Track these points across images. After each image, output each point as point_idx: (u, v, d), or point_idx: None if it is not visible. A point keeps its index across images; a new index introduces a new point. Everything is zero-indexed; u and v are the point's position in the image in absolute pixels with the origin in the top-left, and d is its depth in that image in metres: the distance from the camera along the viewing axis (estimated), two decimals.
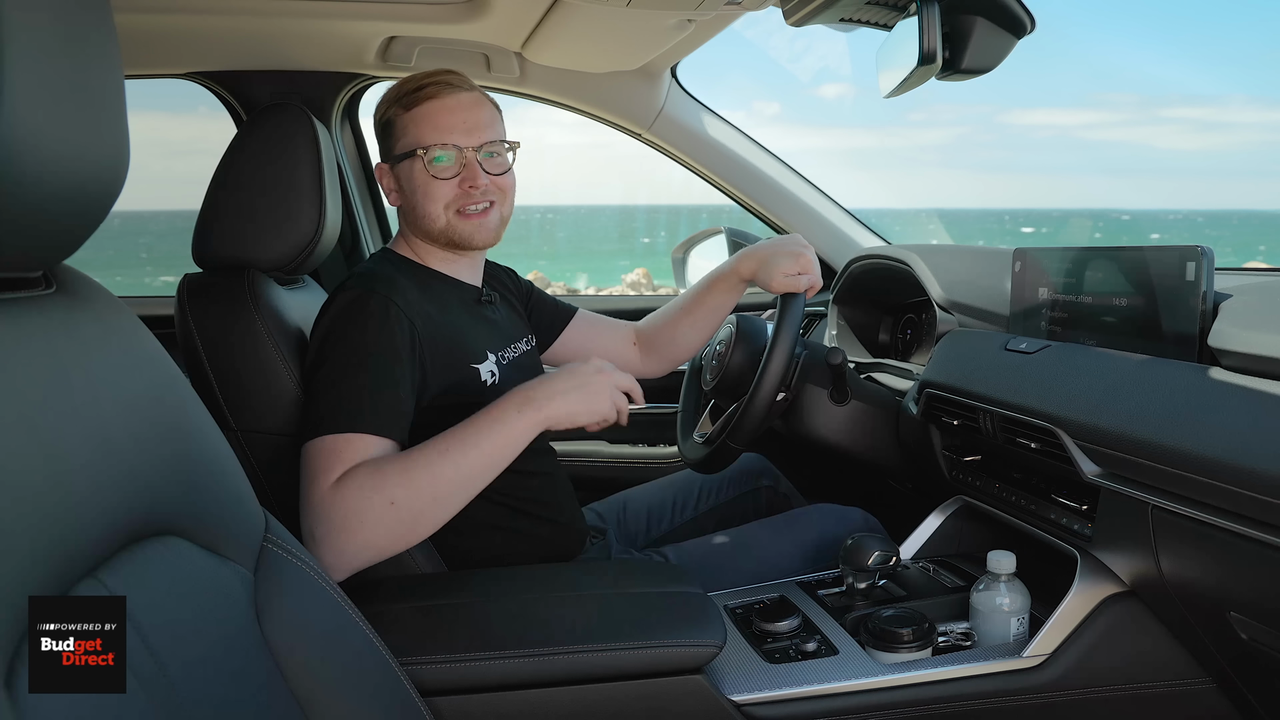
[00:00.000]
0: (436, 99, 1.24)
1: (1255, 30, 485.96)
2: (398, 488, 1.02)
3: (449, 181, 1.24)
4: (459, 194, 1.25)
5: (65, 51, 0.55)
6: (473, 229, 1.27)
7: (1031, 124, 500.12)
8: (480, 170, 1.25)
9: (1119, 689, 1.12)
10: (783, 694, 1.07)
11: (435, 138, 1.23)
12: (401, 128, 1.25)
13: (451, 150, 1.24)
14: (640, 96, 1.99)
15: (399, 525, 1.03)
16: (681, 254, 2.24)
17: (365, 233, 2.14)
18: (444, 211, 1.25)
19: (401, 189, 1.28)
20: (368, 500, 1.01)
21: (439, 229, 1.26)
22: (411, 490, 1.03)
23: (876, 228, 2.15)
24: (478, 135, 1.25)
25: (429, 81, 1.25)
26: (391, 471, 1.03)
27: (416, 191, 1.25)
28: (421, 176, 1.24)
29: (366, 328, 1.13)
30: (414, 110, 1.24)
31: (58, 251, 0.62)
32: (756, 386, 1.36)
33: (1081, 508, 1.14)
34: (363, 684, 0.80)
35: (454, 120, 1.24)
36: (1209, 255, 1.05)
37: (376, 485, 1.02)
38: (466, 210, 1.25)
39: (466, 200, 1.25)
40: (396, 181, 1.29)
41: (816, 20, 1.27)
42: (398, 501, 1.02)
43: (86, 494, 0.57)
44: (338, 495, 1.02)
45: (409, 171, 1.25)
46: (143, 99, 19.64)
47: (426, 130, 1.24)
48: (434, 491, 1.04)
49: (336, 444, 1.06)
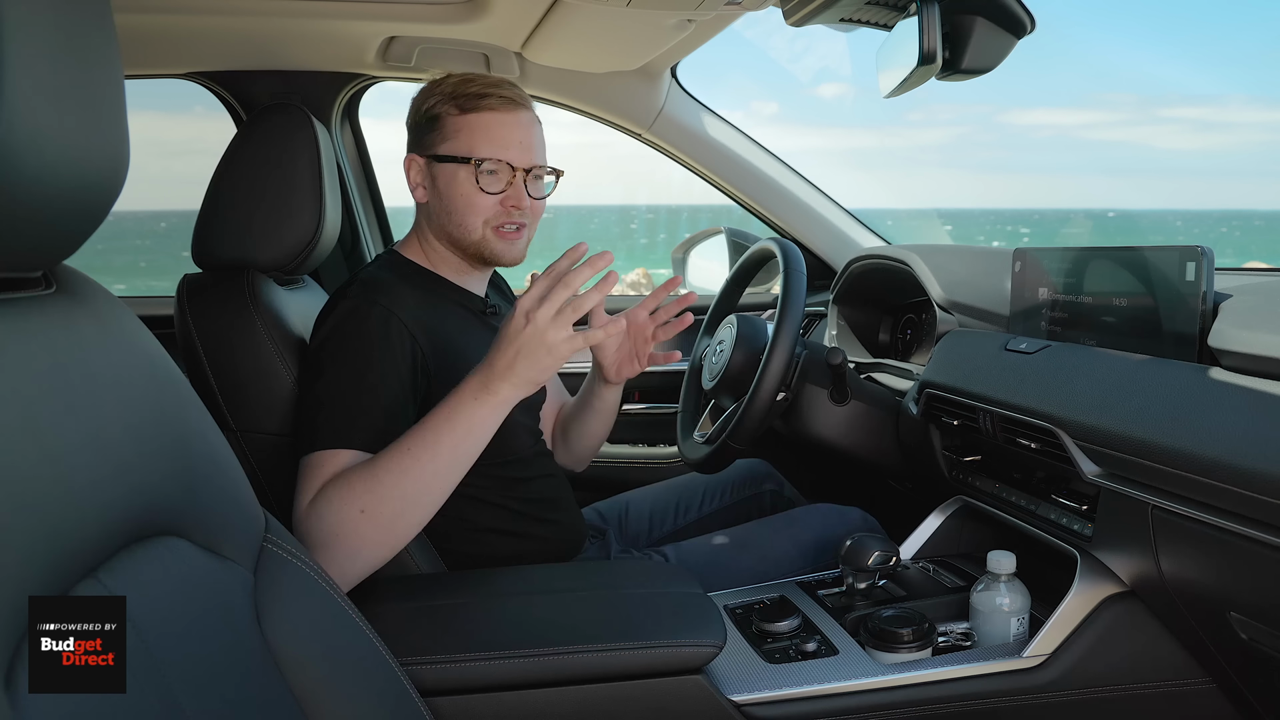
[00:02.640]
0: (499, 111, 1.22)
1: (1255, 30, 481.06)
2: (365, 494, 1.01)
3: (493, 197, 1.22)
4: (499, 211, 1.23)
5: (65, 51, 0.55)
6: (505, 247, 1.26)
7: (1031, 124, 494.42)
8: (525, 192, 1.24)
9: (1119, 689, 1.12)
10: (783, 694, 1.07)
11: (491, 150, 1.21)
12: (453, 128, 1.23)
13: (505, 167, 1.22)
14: (640, 96, 1.99)
15: (377, 531, 1.01)
16: (681, 254, 2.24)
17: (365, 233, 2.14)
18: (482, 226, 1.24)
19: (437, 189, 1.25)
20: (339, 513, 1.01)
21: (472, 240, 1.25)
22: (380, 495, 1.01)
23: (876, 228, 2.15)
24: (530, 157, 1.24)
25: (492, 91, 1.23)
26: (357, 480, 1.02)
27: (457, 199, 1.23)
28: (467, 185, 1.22)
29: (367, 342, 1.12)
30: (471, 115, 1.22)
31: (58, 251, 0.62)
32: (756, 386, 1.36)
33: (1081, 508, 1.14)
34: (363, 684, 0.80)
35: (512, 137, 1.23)
36: (1209, 255, 1.05)
37: (344, 496, 1.01)
38: (503, 229, 1.24)
39: (506, 219, 1.24)
40: (431, 179, 1.25)
41: (816, 20, 1.27)
42: (368, 509, 1.01)
43: (86, 494, 0.57)
44: (314, 512, 1.02)
45: (452, 175, 1.23)
46: (139, 99, 19.71)
47: (482, 140, 1.21)
48: (403, 492, 1.02)
49: (329, 460, 1.06)
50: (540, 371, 1.01)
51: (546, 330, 0.99)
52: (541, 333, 0.99)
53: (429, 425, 1.03)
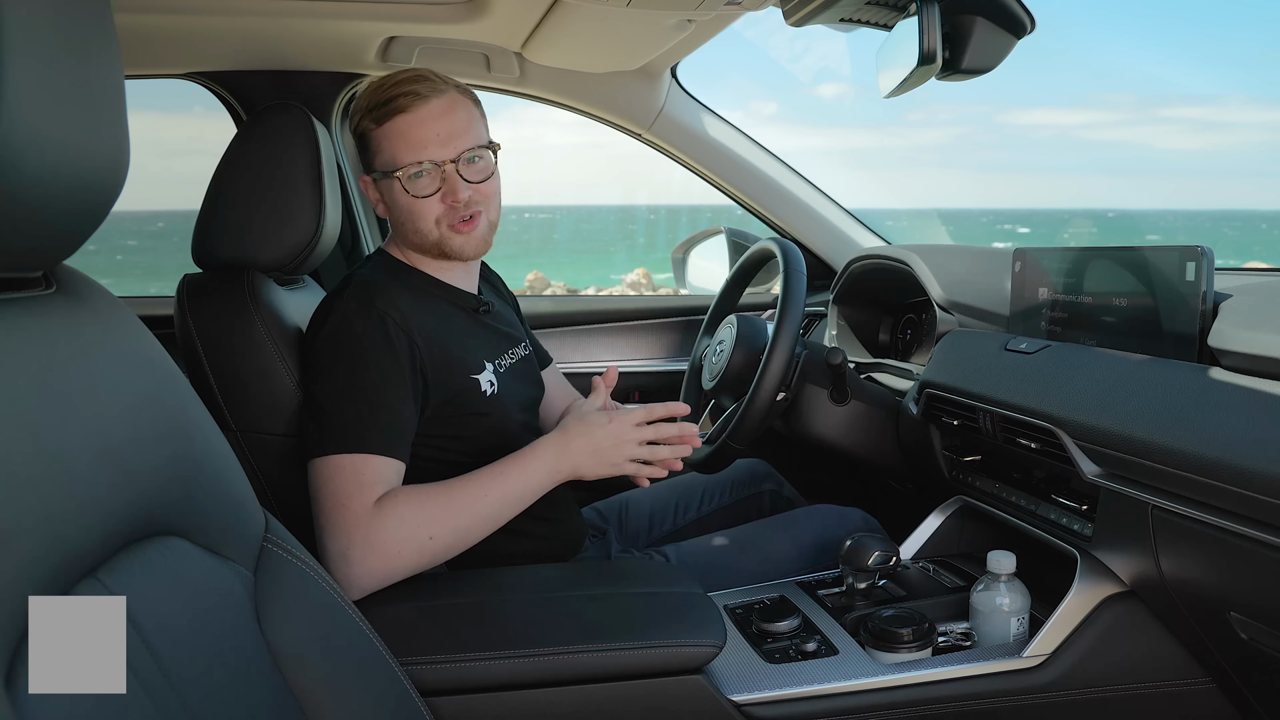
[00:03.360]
0: (406, 112, 1.18)
1: (1255, 30, 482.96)
2: (438, 523, 1.08)
3: (431, 199, 1.20)
4: (445, 209, 1.21)
5: (65, 51, 0.55)
6: (463, 242, 1.23)
7: (1030, 124, 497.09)
8: (461, 183, 1.20)
9: (1119, 689, 1.12)
10: (783, 694, 1.07)
11: (410, 156, 1.18)
12: (376, 144, 1.21)
13: (429, 166, 1.19)
14: (640, 96, 1.99)
15: (431, 556, 1.09)
16: (681, 254, 2.24)
17: (365, 233, 2.13)
18: (435, 226, 1.22)
19: (386, 205, 1.25)
20: (410, 532, 1.06)
21: (431, 243, 1.24)
22: (448, 526, 1.08)
23: (876, 228, 2.16)
24: (454, 145, 1.19)
25: (397, 92, 1.19)
26: (434, 507, 1.08)
27: (401, 210, 1.22)
28: (403, 197, 1.20)
29: (367, 344, 1.12)
30: (385, 125, 1.19)
31: (58, 251, 0.62)
32: (756, 386, 1.36)
33: (1081, 508, 1.14)
34: (363, 684, 0.80)
35: (426, 134, 1.18)
36: (1209, 255, 1.05)
37: (420, 519, 1.07)
38: (455, 224, 1.22)
39: (454, 215, 1.21)
40: (380, 195, 1.25)
41: (816, 20, 1.27)
42: (436, 536, 1.08)
43: (86, 494, 0.57)
44: (378, 521, 1.05)
45: (390, 190, 1.22)
46: (139, 99, 19.68)
47: (400, 148, 1.19)
48: (467, 527, 1.10)
49: (355, 465, 1.07)
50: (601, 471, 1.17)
51: (628, 443, 1.16)
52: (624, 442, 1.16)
53: (506, 473, 1.13)
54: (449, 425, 1.20)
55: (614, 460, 1.16)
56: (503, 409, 1.25)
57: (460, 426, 1.21)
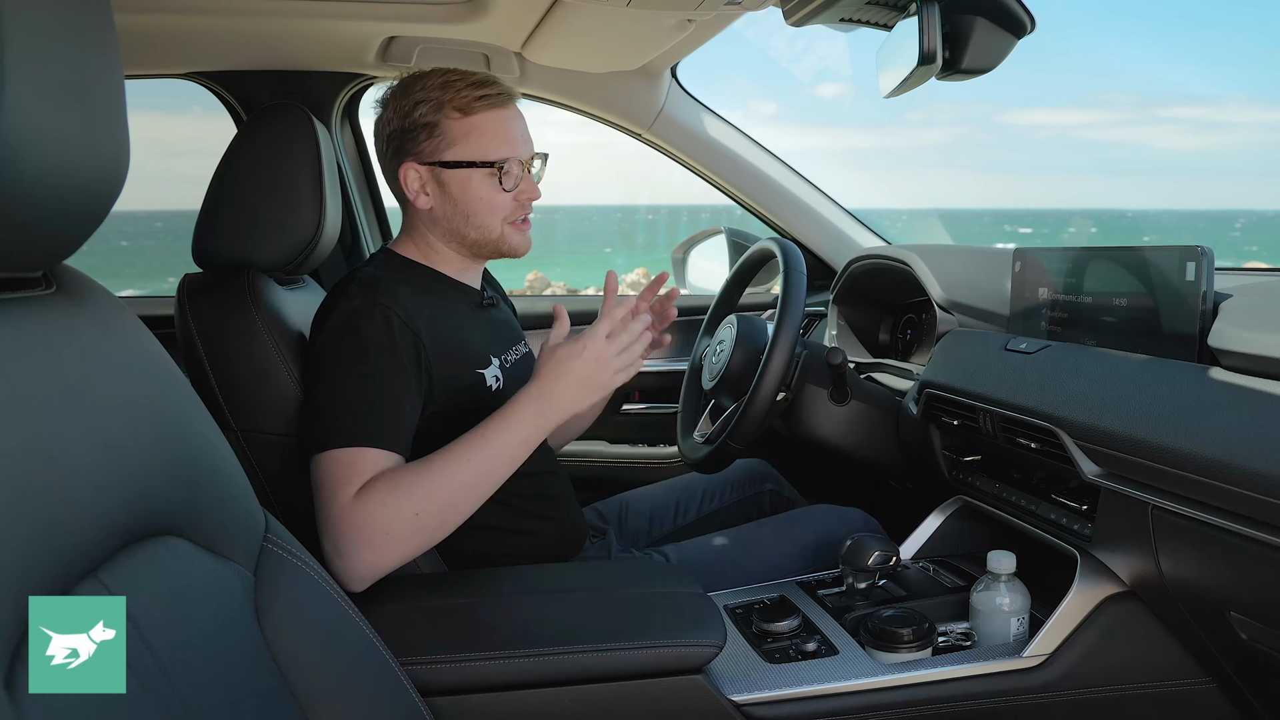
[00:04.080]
0: (500, 109, 1.22)
1: (1255, 30, 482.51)
2: (421, 499, 1.05)
3: (509, 194, 1.23)
4: (515, 207, 1.25)
5: (65, 51, 0.55)
6: (522, 239, 1.28)
7: (1030, 124, 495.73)
8: (535, 182, 1.27)
9: (1119, 689, 1.12)
10: (783, 694, 1.07)
11: (506, 150, 1.22)
12: (458, 132, 1.21)
13: (518, 164, 1.23)
14: (640, 96, 1.99)
15: (422, 534, 1.06)
16: (681, 254, 2.24)
17: (365, 233, 2.14)
18: (501, 224, 1.25)
19: (448, 195, 1.23)
20: (392, 513, 1.04)
21: (491, 239, 1.25)
22: (433, 499, 1.05)
23: (876, 228, 2.16)
24: (531, 147, 1.26)
25: (487, 90, 1.21)
26: (412, 483, 1.05)
27: (475, 202, 1.22)
28: (486, 188, 1.22)
29: (370, 340, 1.12)
30: (475, 117, 1.20)
31: (58, 252, 0.62)
32: (756, 386, 1.36)
33: (1081, 508, 1.14)
34: (363, 684, 0.80)
35: (516, 132, 1.23)
36: (1209, 255, 1.05)
37: (400, 497, 1.04)
38: (519, 222, 1.26)
39: (521, 212, 1.26)
40: (439, 186, 1.23)
41: (816, 20, 1.27)
42: (422, 512, 1.05)
43: (86, 494, 0.57)
44: (360, 510, 1.03)
45: (465, 180, 1.22)
46: (138, 99, 19.49)
47: (495, 142, 1.21)
48: (453, 498, 1.07)
49: (349, 458, 1.07)
50: (594, 398, 1.11)
51: (606, 361, 1.10)
52: (601, 363, 1.10)
53: (486, 436, 1.09)
54: (455, 421, 1.19)
55: (602, 382, 1.10)
56: None
57: (466, 422, 1.20)
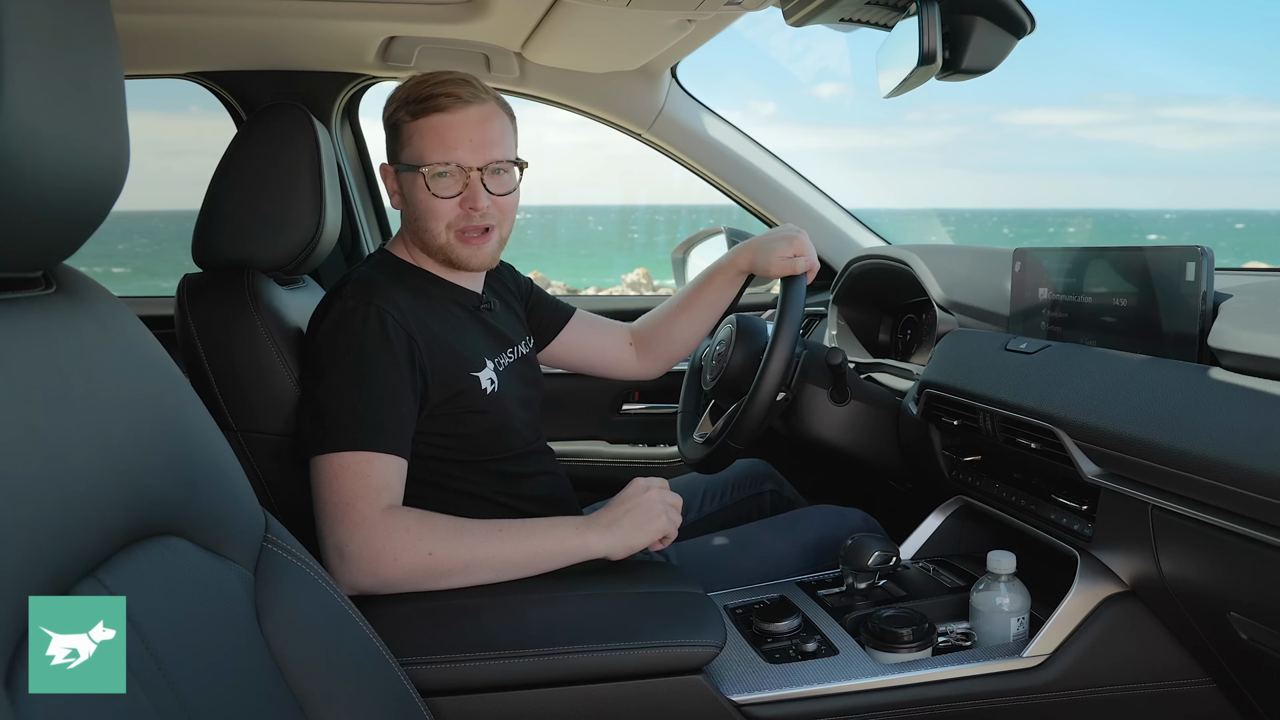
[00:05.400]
0: (445, 112, 1.19)
1: (1255, 30, 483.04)
2: (441, 544, 1.06)
3: (450, 201, 1.21)
4: (460, 214, 1.21)
5: (65, 51, 0.55)
6: (470, 253, 1.24)
7: (1030, 124, 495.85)
8: (483, 191, 1.20)
9: (1119, 689, 1.12)
10: (783, 694, 1.07)
11: (439, 155, 1.19)
12: (407, 135, 1.21)
13: (454, 169, 1.19)
14: (640, 96, 1.99)
15: (425, 575, 1.06)
16: (681, 254, 2.24)
17: (365, 233, 2.14)
18: (445, 230, 1.22)
19: (403, 197, 1.25)
20: (410, 544, 1.05)
21: (438, 246, 1.24)
22: (452, 554, 1.06)
23: (876, 228, 2.15)
24: (484, 154, 1.20)
25: (440, 91, 1.19)
26: (442, 528, 1.07)
27: (417, 206, 1.22)
28: (423, 194, 1.21)
29: (367, 342, 1.12)
30: (420, 120, 1.20)
31: (58, 251, 0.62)
32: (756, 386, 1.36)
33: (1081, 508, 1.14)
34: (363, 684, 0.80)
35: (460, 137, 1.19)
36: (1209, 255, 1.05)
37: (423, 534, 1.06)
38: (466, 234, 1.22)
39: (467, 222, 1.22)
40: (399, 187, 1.25)
41: (816, 20, 1.27)
42: (435, 553, 1.06)
43: (86, 494, 0.57)
44: (383, 528, 1.05)
45: (411, 184, 1.22)
46: (136, 99, 19.34)
47: (431, 145, 1.19)
48: (470, 561, 1.07)
49: (359, 463, 1.07)
50: (639, 538, 1.14)
51: (660, 511, 1.15)
52: (656, 509, 1.15)
53: (527, 524, 1.12)
54: (449, 423, 1.20)
55: (658, 526, 1.15)
56: (503, 407, 1.25)
57: (460, 424, 1.21)
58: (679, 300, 1.58)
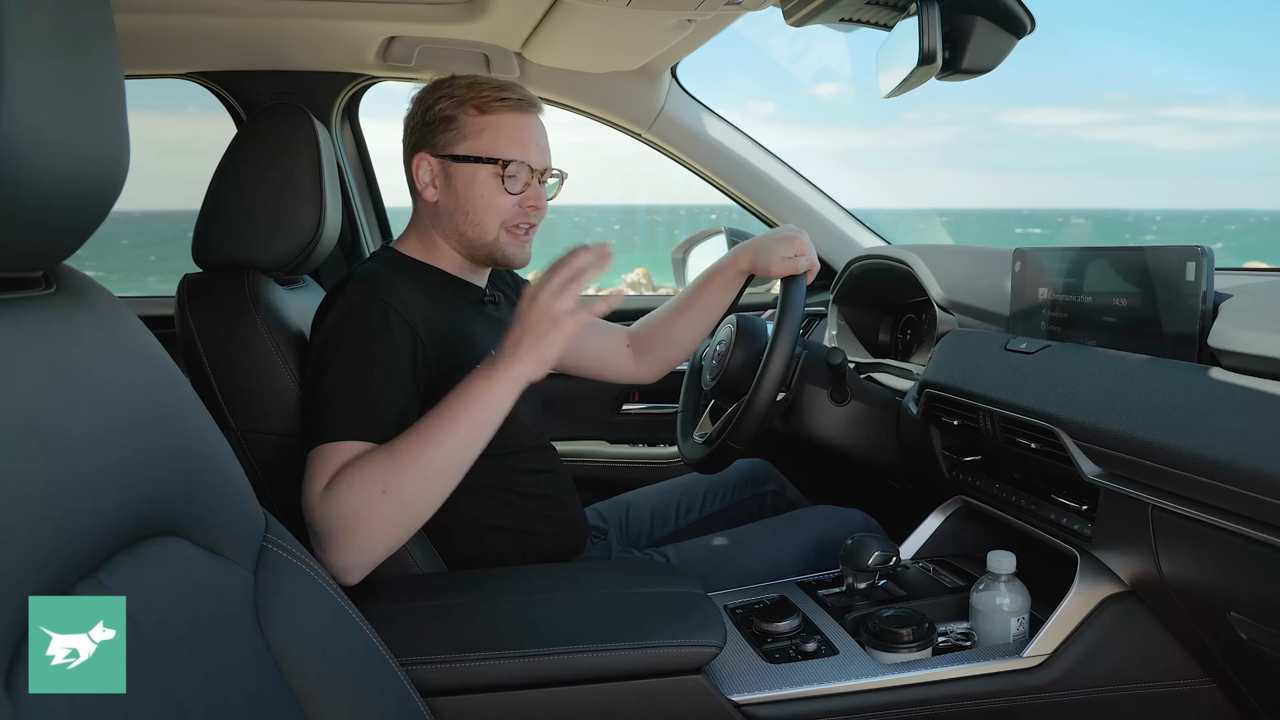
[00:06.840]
0: (519, 113, 1.24)
1: (1254, 30, 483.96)
2: (386, 476, 1.02)
3: (513, 198, 1.24)
4: (516, 212, 1.25)
5: (65, 51, 0.55)
6: (517, 249, 1.28)
7: (1029, 123, 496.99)
8: (543, 192, 1.27)
9: (1119, 689, 1.12)
10: (783, 694, 1.07)
11: (515, 152, 1.23)
12: (472, 129, 1.23)
13: (525, 169, 1.24)
14: (640, 96, 1.99)
15: (397, 511, 1.03)
16: (681, 254, 2.24)
17: (365, 233, 2.14)
18: (498, 227, 1.25)
19: (453, 189, 1.25)
20: (360, 495, 1.02)
21: (485, 241, 1.26)
22: (401, 475, 1.02)
23: (876, 228, 2.15)
24: (546, 158, 1.27)
25: (509, 94, 1.24)
26: (377, 463, 1.03)
27: (477, 199, 1.24)
28: (489, 186, 1.23)
29: (369, 335, 1.12)
30: (492, 116, 1.23)
31: (58, 251, 0.62)
32: (756, 386, 1.36)
33: (1081, 508, 1.14)
34: (363, 684, 0.80)
35: (531, 139, 1.25)
36: (1209, 255, 1.05)
37: (365, 478, 1.02)
38: (517, 229, 1.26)
39: (521, 219, 1.26)
40: (446, 179, 1.25)
41: (816, 20, 1.27)
42: (389, 489, 1.02)
43: (86, 494, 0.57)
44: (331, 496, 1.03)
45: (471, 176, 1.23)
46: (135, 99, 19.33)
47: (506, 142, 1.23)
48: (422, 471, 1.03)
49: (334, 450, 1.06)
50: (548, 346, 1.05)
51: (551, 305, 1.04)
52: (546, 308, 1.04)
53: (445, 406, 1.06)
54: None
55: (560, 327, 1.05)
56: None
57: None
58: (678, 302, 1.58)
